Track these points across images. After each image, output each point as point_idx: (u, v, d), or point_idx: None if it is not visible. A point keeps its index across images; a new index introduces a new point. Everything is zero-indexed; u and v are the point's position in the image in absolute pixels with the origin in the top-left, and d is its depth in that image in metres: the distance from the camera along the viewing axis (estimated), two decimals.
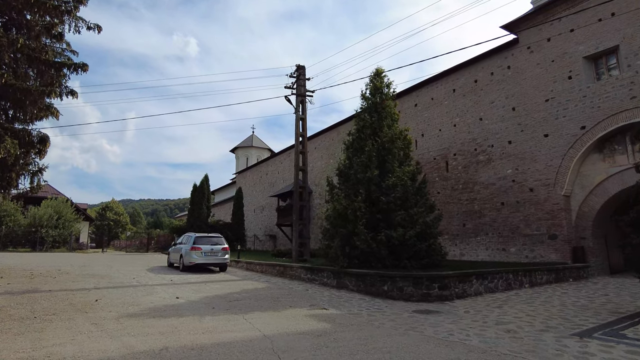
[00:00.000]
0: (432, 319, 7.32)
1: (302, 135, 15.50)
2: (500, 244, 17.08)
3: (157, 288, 10.67)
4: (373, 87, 12.98)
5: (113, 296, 9.14)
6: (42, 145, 12.52)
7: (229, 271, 16.65)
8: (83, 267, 16.64)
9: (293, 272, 13.71)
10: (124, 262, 21.52)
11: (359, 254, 10.92)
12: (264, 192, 37.19)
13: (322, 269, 12.04)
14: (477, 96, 18.74)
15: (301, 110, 15.53)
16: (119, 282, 11.78)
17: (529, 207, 16.09)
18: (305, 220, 15.29)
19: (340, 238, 11.25)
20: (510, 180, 16.90)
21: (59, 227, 31.84)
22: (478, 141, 18.43)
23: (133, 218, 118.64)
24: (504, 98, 17.54)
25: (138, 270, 16.19)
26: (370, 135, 12.10)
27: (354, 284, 10.68)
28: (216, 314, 7.30)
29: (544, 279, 12.50)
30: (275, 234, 33.86)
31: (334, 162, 28.29)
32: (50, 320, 6.44)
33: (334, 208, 11.37)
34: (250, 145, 48.47)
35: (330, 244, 12.47)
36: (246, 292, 10.18)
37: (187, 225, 33.09)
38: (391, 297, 9.83)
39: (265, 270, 15.81)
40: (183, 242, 16.96)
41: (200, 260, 15.29)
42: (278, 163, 35.74)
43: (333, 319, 7.23)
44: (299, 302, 9.01)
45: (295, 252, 14.76)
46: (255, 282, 12.76)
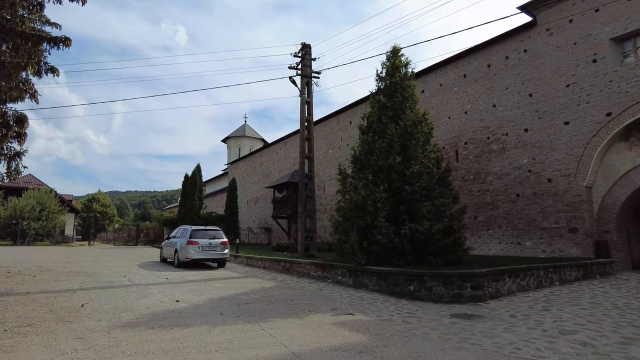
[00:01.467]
0: (479, 326, 6.27)
1: (307, 119, 14.27)
2: (515, 238, 16.18)
3: (152, 288, 9.44)
4: (391, 65, 11.81)
5: (102, 299, 7.89)
6: (20, 126, 11.09)
7: (228, 267, 15.45)
8: (67, 263, 15.26)
9: (301, 268, 12.57)
10: (113, 256, 20.14)
11: (379, 249, 9.83)
12: (258, 184, 35.89)
13: (335, 265, 10.93)
14: (490, 82, 17.70)
15: (306, 92, 14.29)
16: (108, 281, 10.51)
17: (547, 198, 15.19)
18: (312, 212, 14.15)
19: (357, 232, 10.13)
20: (526, 170, 15.96)
21: (41, 219, 30.11)
22: (491, 129, 17.44)
23: (120, 210, 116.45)
24: (520, 84, 16.53)
25: (129, 266, 14.89)
26: (391, 118, 10.95)
27: (374, 283, 9.59)
28: (227, 323, 6.14)
29: (573, 276, 11.61)
30: (271, 226, 32.68)
31: (333, 152, 27.12)
32: (24, 335, 5.20)
33: (351, 199, 10.23)
34: (243, 135, 46.90)
35: (342, 238, 11.37)
36: (254, 293, 9.02)
37: (178, 218, 31.67)
38: (418, 299, 8.78)
39: (268, 266, 14.64)
40: (177, 235, 15.67)
41: (197, 256, 14.05)
42: (273, 153, 34.42)
43: (366, 327, 6.13)
44: (318, 305, 7.88)
45: (301, 246, 13.63)
46: (260, 279, 11.60)
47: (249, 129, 48.71)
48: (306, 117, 14.19)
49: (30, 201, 29.61)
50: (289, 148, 32.07)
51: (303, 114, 14.12)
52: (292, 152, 31.38)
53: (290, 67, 14.27)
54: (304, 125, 14.14)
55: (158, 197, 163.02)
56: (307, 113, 14.28)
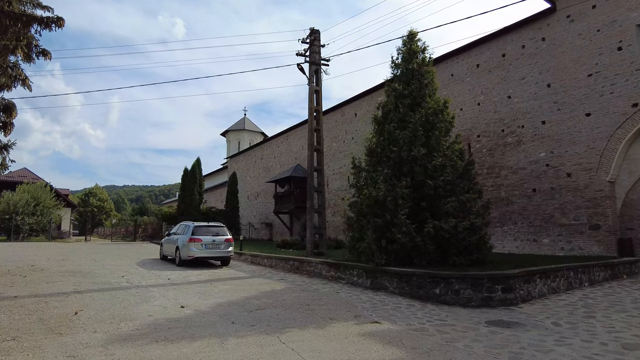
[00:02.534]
0: (524, 337, 5.55)
1: (316, 109, 13.45)
2: (531, 235, 15.48)
3: (154, 291, 8.67)
4: (407, 51, 11.00)
5: (98, 304, 7.12)
6: (7, 115, 10.24)
7: (232, 265, 14.70)
8: (62, 261, 14.47)
9: (312, 268, 11.82)
10: (110, 253, 19.35)
11: (399, 249, 9.08)
12: (258, 178, 35.08)
13: (350, 265, 10.18)
14: (505, 72, 16.92)
15: (315, 80, 13.46)
16: (106, 282, 9.73)
17: (566, 194, 14.48)
18: (321, 207, 13.38)
19: (374, 230, 9.38)
20: (544, 164, 15.23)
21: (36, 214, 29.21)
22: (506, 121, 16.68)
23: (118, 205, 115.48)
24: (537, 73, 15.76)
25: (127, 264, 14.12)
26: (409, 107, 10.16)
27: (395, 286, 8.85)
28: (241, 334, 5.39)
29: (601, 276, 10.92)
30: (272, 222, 31.94)
31: (337, 146, 26.29)
32: (6, 352, 4.44)
33: (370, 195, 9.45)
34: (243, 129, 45.97)
35: (355, 236, 10.62)
36: (266, 296, 8.26)
37: (177, 213, 30.85)
38: (444, 302, 8.06)
39: (275, 264, 13.88)
40: (179, 232, 14.88)
41: (200, 254, 13.28)
42: (274, 147, 33.57)
43: (398, 339, 5.40)
44: (338, 311, 7.14)
45: (310, 244, 12.87)
46: (269, 280, 10.85)
47: (249, 123, 47.78)
48: (315, 107, 13.36)
49: (25, 195, 28.69)
50: (290, 142, 31.24)
51: (312, 104, 13.29)
52: (294, 145, 30.57)
53: (298, 53, 13.42)
54: (312, 115, 13.32)
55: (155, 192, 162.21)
56: (316, 102, 13.45)
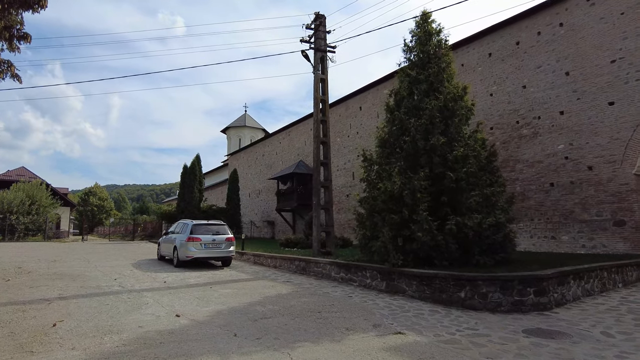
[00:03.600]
0: (578, 351, 4.73)
1: (322, 99, 12.57)
2: (549, 231, 14.64)
3: (147, 296, 7.85)
4: (422, 33, 10.13)
5: (83, 313, 6.30)
6: None
7: (234, 265, 13.87)
8: (53, 262, 13.67)
9: (319, 269, 10.98)
10: (106, 253, 18.55)
11: (418, 248, 8.25)
12: (260, 175, 34.26)
13: (362, 266, 9.34)
14: (519, 60, 16.06)
15: (321, 68, 12.57)
16: (95, 285, 8.91)
17: (587, 188, 13.62)
18: (328, 204, 12.54)
19: (390, 227, 8.54)
20: (562, 157, 14.38)
21: (31, 213, 28.41)
22: (521, 112, 15.82)
23: (118, 203, 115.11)
24: (554, 61, 14.88)
25: (122, 265, 13.31)
26: (425, 93, 9.31)
27: (414, 289, 8.02)
28: (245, 350, 4.56)
29: (634, 276, 10.09)
30: (274, 220, 31.13)
31: (341, 141, 25.42)
32: None
33: (385, 189, 8.61)
34: (243, 125, 45.08)
35: (367, 234, 9.78)
36: (271, 302, 7.44)
37: (177, 211, 30.04)
38: (471, 307, 7.23)
39: (279, 265, 13.05)
40: (177, 231, 14.05)
41: (199, 254, 12.46)
42: (276, 143, 32.73)
43: (430, 355, 4.57)
44: (354, 319, 6.30)
45: (316, 242, 12.02)
46: (273, 282, 10.01)
47: (250, 119, 46.90)
48: (321, 97, 12.46)
49: (19, 194, 27.86)
50: (293, 137, 30.40)
51: (317, 93, 12.40)
52: (297, 141, 29.75)
53: (302, 40, 12.53)
54: (318, 105, 12.43)
55: (156, 191, 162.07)
56: (321, 92, 12.55)
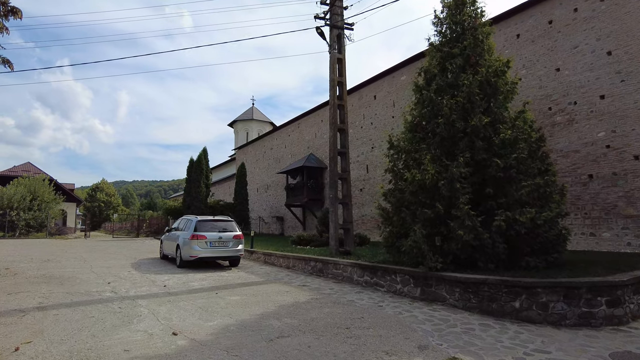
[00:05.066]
0: None
1: (339, 81, 11.25)
2: (587, 228, 13.30)
3: (142, 305, 6.70)
4: (455, 4, 8.81)
5: (59, 330, 5.16)
6: None
7: (242, 265, 12.72)
8: (46, 262, 12.61)
9: (339, 271, 9.76)
10: (106, 251, 17.52)
11: (458, 248, 7.01)
12: (268, 169, 33.11)
13: (391, 269, 8.09)
14: (552, 41, 14.63)
15: (337, 47, 11.27)
16: (85, 291, 7.78)
17: (633, 180, 12.26)
18: (347, 197, 11.29)
19: (423, 224, 7.30)
20: (603, 146, 13.00)
21: (33, 209, 27.53)
22: (554, 98, 14.42)
23: (126, 199, 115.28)
24: (594, 40, 13.45)
25: (120, 265, 12.21)
26: (461, 68, 8.03)
27: (457, 297, 6.77)
28: None
29: None
30: (283, 215, 29.99)
31: (354, 132, 24.09)
32: None
33: (412, 179, 7.38)
34: (251, 119, 43.88)
35: (393, 231, 8.55)
36: (288, 313, 6.24)
37: (183, 207, 29.01)
38: (528, 320, 5.98)
39: (293, 265, 11.85)
40: (180, 227, 12.91)
41: (204, 253, 11.31)
42: (285, 136, 31.52)
43: None
44: (392, 338, 5.08)
45: (334, 241, 10.80)
46: (288, 287, 8.81)
47: (257, 112, 45.69)
48: (337, 78, 11.17)
49: (20, 189, 26.98)
50: (302, 129, 29.17)
51: (333, 74, 11.10)
52: (307, 133, 28.53)
53: (317, 16, 11.22)
54: (334, 88, 11.13)
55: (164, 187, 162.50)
56: (338, 73, 11.24)
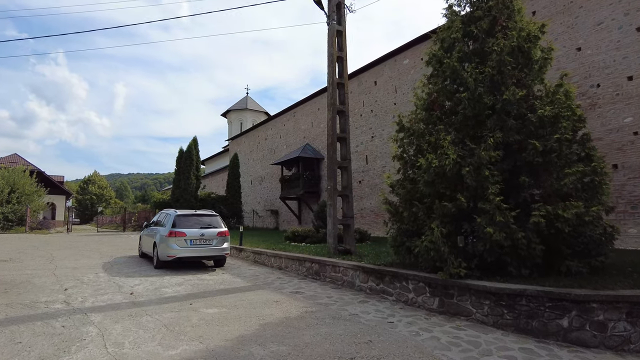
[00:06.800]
0: None
1: (339, 56, 9.75)
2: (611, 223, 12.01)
3: (93, 322, 5.33)
4: None
5: None
6: None
7: (228, 266, 11.37)
8: (5, 262, 11.16)
9: (338, 274, 8.40)
10: (83, 248, 16.10)
11: (486, 250, 5.68)
12: (263, 161, 31.67)
13: (401, 274, 6.75)
14: (572, 17, 13.27)
15: (337, 18, 9.79)
16: (29, 302, 6.39)
17: None
18: (347, 189, 9.89)
19: (442, 221, 5.97)
20: (631, 132, 11.74)
21: (12, 202, 25.99)
22: (574, 80, 13.03)
23: (120, 192, 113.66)
24: (621, 15, 12.11)
25: (90, 266, 10.82)
26: (486, 32, 6.66)
27: (486, 311, 5.45)
28: None
29: None
30: (278, 208, 28.63)
31: (353, 121, 22.69)
32: None
33: (428, 165, 6.03)
34: (245, 108, 42.29)
35: (402, 228, 7.23)
36: (275, 335, 4.90)
37: (172, 199, 27.60)
38: (579, 342, 4.70)
39: (285, 266, 10.48)
40: (160, 222, 11.52)
41: (183, 253, 9.90)
42: (280, 125, 30.05)
43: None
44: None
45: (332, 238, 9.42)
46: (278, 294, 7.46)
47: (252, 102, 44.09)
48: (337, 53, 9.71)
49: None
50: (298, 118, 27.71)
51: (333, 49, 9.62)
52: (303, 122, 27.09)
53: None
54: (333, 65, 9.65)
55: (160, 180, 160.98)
56: (338, 47, 9.77)
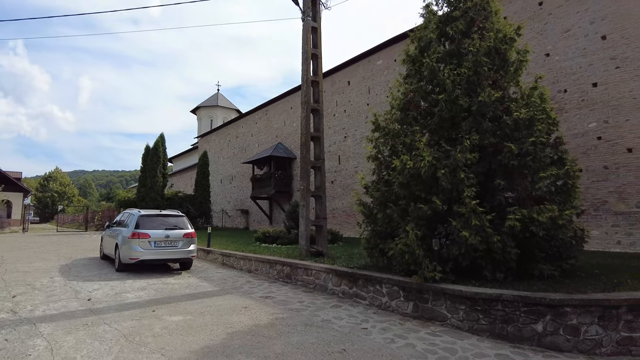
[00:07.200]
0: None
1: (314, 54, 9.52)
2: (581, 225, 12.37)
3: (42, 334, 4.86)
4: None
5: None
6: None
7: (195, 268, 10.90)
8: None
9: (310, 277, 8.14)
10: (39, 249, 15.14)
11: (461, 253, 5.58)
12: (233, 159, 31.01)
13: (375, 278, 6.56)
14: (541, 24, 13.61)
15: (312, 14, 9.52)
16: None
17: (626, 174, 11.43)
18: (320, 189, 9.63)
19: (417, 223, 5.84)
20: (595, 137, 12.11)
21: None
22: (543, 84, 13.38)
23: (84, 190, 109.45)
24: (587, 23, 12.49)
25: (45, 269, 10.11)
26: (463, 33, 6.58)
27: (462, 316, 5.34)
28: None
29: None
30: (248, 208, 28.10)
31: (326, 120, 22.57)
32: None
33: (403, 166, 5.88)
34: (215, 105, 41.31)
35: (376, 230, 7.08)
36: (243, 347, 4.59)
37: (137, 198, 26.55)
38: (553, 347, 4.67)
39: (255, 269, 10.11)
40: (123, 222, 10.90)
41: (147, 256, 9.36)
42: (251, 123, 29.51)
43: None
44: None
45: (304, 240, 9.14)
46: (247, 299, 7.13)
47: (223, 99, 43.16)
48: (312, 50, 9.46)
49: None
50: (270, 117, 27.30)
51: (307, 46, 9.34)
52: (275, 121, 26.70)
53: None
54: (308, 62, 9.38)
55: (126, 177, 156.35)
56: (312, 44, 9.51)
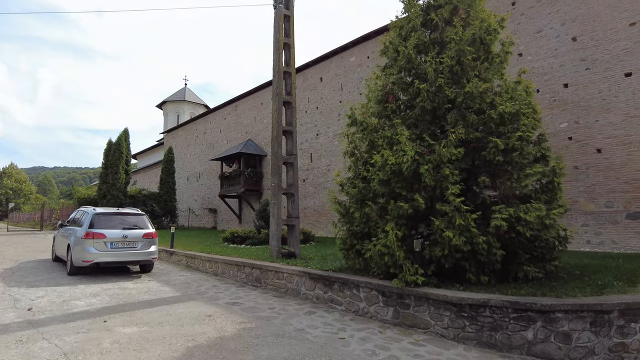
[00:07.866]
0: None
1: (286, 43, 8.95)
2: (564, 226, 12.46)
3: None
4: None
5: None
6: None
7: (157, 271, 10.12)
8: None
9: (282, 281, 7.58)
10: None
11: (444, 255, 5.23)
12: (201, 156, 29.94)
13: (352, 282, 6.10)
14: (515, 24, 13.65)
15: (285, 2, 8.99)
16: None
17: (595, 174, 11.60)
18: (293, 187, 9.10)
19: (397, 223, 5.45)
20: (565, 137, 12.25)
21: None
22: None
23: (43, 187, 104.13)
24: (558, 25, 12.63)
25: None
26: (447, 21, 6.24)
27: (446, 323, 4.97)
28: None
29: None
30: (217, 207, 27.17)
31: (297, 117, 22.04)
32: None
33: (384, 162, 5.48)
34: (183, 100, 39.84)
35: (353, 230, 6.66)
36: None
37: (98, 196, 25.10)
38: (545, 356, 4.39)
39: (222, 271, 9.43)
40: (77, 220, 9.97)
41: (102, 258, 8.52)
42: (220, 119, 28.57)
43: None
44: None
45: (275, 241, 8.58)
46: (212, 306, 6.52)
47: (190, 93, 41.72)
48: (284, 39, 8.89)
49: None
50: (240, 112, 26.47)
51: (279, 34, 8.77)
52: (245, 117, 25.90)
53: None
54: (279, 52, 8.82)
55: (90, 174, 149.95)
56: (285, 34, 8.96)
